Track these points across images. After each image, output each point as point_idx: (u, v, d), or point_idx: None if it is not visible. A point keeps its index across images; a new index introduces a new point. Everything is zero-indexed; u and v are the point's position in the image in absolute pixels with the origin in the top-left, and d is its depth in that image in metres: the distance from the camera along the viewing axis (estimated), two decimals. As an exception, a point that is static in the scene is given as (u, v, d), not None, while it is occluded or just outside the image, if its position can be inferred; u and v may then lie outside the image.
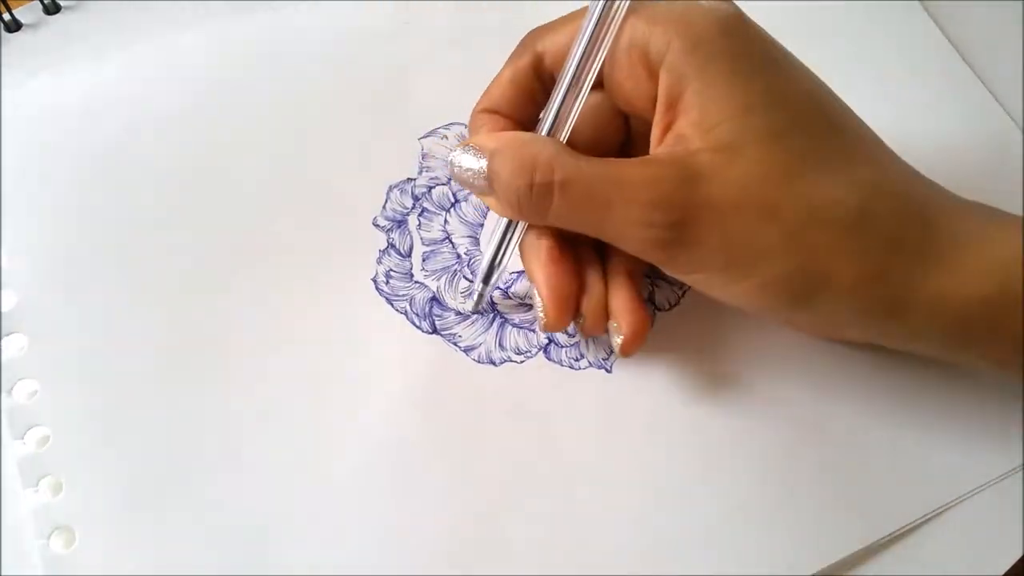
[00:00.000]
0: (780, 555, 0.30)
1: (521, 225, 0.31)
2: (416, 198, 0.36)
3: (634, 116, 0.32)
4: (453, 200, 0.36)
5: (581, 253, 0.32)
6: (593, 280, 0.32)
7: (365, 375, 0.33)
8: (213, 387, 0.32)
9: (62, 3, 0.42)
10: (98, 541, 0.30)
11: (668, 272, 0.30)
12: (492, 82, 0.33)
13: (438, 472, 0.31)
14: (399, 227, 0.36)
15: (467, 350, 0.34)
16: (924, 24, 0.41)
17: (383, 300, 0.34)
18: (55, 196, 0.36)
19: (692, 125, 0.28)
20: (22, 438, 0.31)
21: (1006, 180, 0.37)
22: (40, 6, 0.41)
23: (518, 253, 0.32)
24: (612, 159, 0.28)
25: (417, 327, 0.34)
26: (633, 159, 0.28)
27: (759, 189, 0.27)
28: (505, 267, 0.32)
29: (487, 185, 0.30)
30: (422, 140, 0.37)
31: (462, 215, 0.36)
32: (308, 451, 0.31)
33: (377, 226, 0.36)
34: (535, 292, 0.31)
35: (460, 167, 0.30)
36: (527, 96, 0.32)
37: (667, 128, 0.29)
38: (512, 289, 0.35)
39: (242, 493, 0.31)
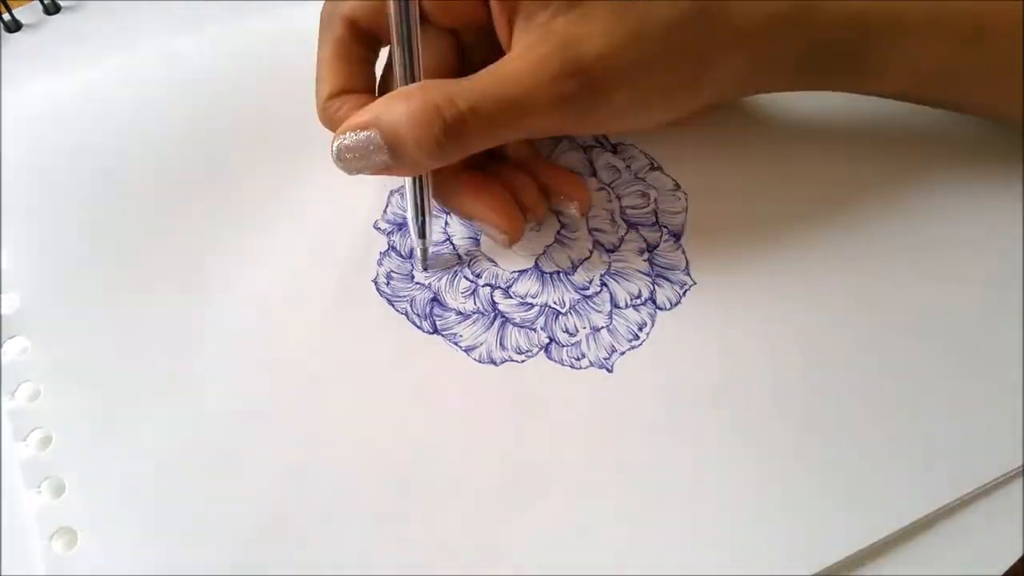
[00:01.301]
0: (780, 555, 0.30)
1: (424, 186, 0.33)
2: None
3: (465, 29, 0.33)
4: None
5: (494, 166, 0.34)
6: (518, 178, 0.34)
7: (366, 375, 0.33)
8: (214, 389, 0.32)
9: (62, 3, 0.42)
10: (100, 543, 0.30)
11: (592, 132, 0.33)
12: (319, 67, 0.33)
13: (439, 472, 0.31)
14: (400, 230, 0.36)
15: (468, 350, 0.34)
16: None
17: (384, 301, 0.34)
18: (55, 197, 0.36)
19: (532, 5, 0.30)
20: (24, 440, 0.32)
21: (1005, 181, 0.36)
22: (40, 6, 0.41)
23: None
24: (487, 69, 0.30)
25: (418, 327, 0.34)
26: (504, 58, 0.30)
27: (618, 27, 0.29)
28: (431, 214, 0.34)
29: (388, 158, 0.30)
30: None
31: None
32: (308, 451, 0.31)
33: (378, 229, 0.36)
34: (481, 224, 0.33)
35: (353, 154, 0.30)
36: (358, 63, 0.33)
37: (510, 20, 0.30)
38: (513, 289, 0.35)
39: (242, 494, 0.31)
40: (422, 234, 0.34)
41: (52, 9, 0.41)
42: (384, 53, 0.34)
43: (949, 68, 0.33)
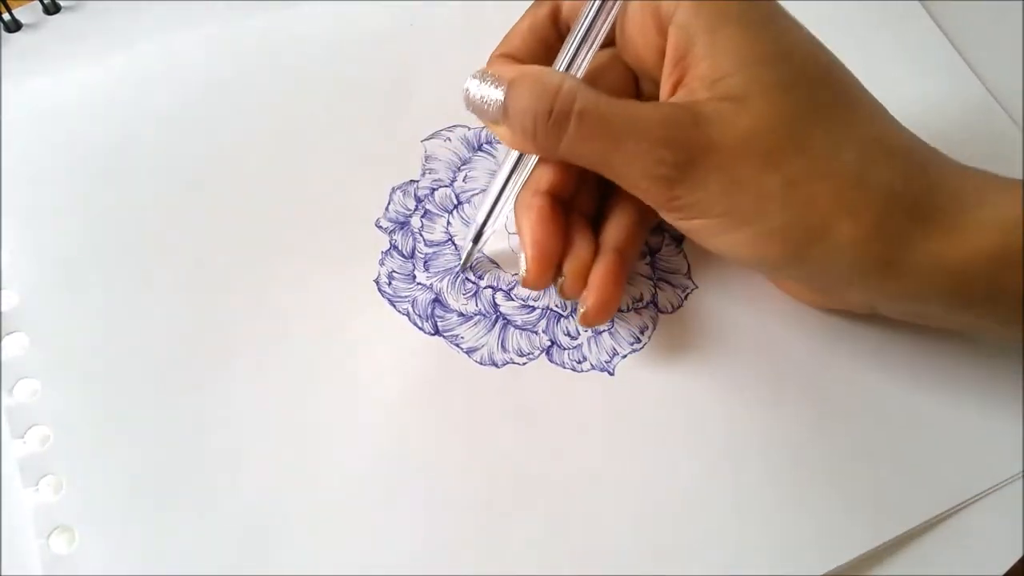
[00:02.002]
0: (785, 558, 0.30)
1: (518, 182, 0.32)
2: (419, 200, 0.36)
3: (643, 75, 0.33)
4: (456, 202, 0.36)
5: (575, 221, 0.33)
6: (581, 245, 0.32)
7: (367, 376, 0.33)
8: (214, 387, 0.32)
9: (62, 3, 0.42)
10: (98, 541, 0.30)
11: (668, 218, 0.30)
12: (512, 28, 0.34)
13: (439, 473, 0.31)
14: (402, 228, 0.36)
15: (469, 352, 0.34)
16: (924, 24, 0.42)
17: (385, 301, 0.34)
18: (55, 196, 0.36)
19: (700, 78, 0.29)
20: (23, 437, 0.31)
21: (1007, 164, 0.36)
22: (40, 6, 0.41)
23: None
24: (627, 100, 0.29)
25: (419, 328, 0.34)
26: (647, 102, 0.29)
27: (764, 137, 0.28)
28: (495, 229, 0.33)
29: (500, 113, 0.30)
30: (425, 142, 0.37)
31: (465, 217, 0.36)
32: (308, 452, 0.31)
33: (380, 228, 0.36)
34: (520, 249, 0.32)
35: (476, 93, 0.31)
36: (543, 44, 0.33)
37: (676, 84, 0.29)
38: (515, 291, 0.35)
39: (242, 493, 0.31)
40: (477, 239, 0.34)
41: (52, 9, 0.41)
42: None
43: None
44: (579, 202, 0.33)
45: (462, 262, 0.35)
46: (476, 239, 0.34)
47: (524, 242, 0.32)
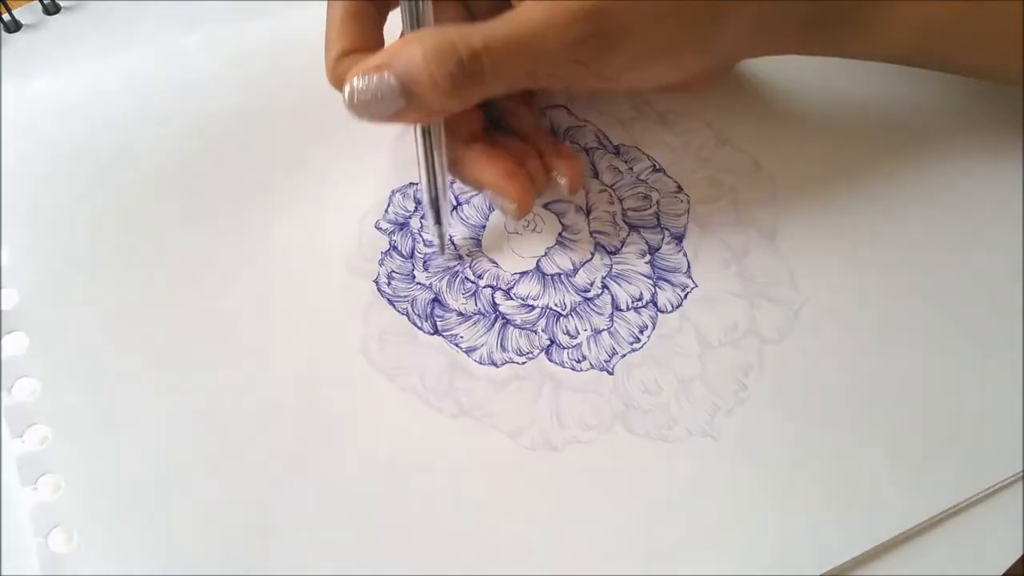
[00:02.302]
0: (784, 557, 0.30)
1: (437, 155, 0.32)
2: (418, 201, 0.36)
3: None
4: (455, 203, 0.36)
5: (490, 137, 0.35)
6: (521, 148, 0.34)
7: (366, 376, 0.33)
8: (213, 387, 0.32)
9: (62, 3, 0.42)
10: (97, 540, 0.30)
11: (603, 85, 0.32)
12: (328, 27, 0.33)
13: (438, 473, 0.31)
14: (401, 230, 0.36)
15: (468, 351, 0.33)
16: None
17: (385, 301, 0.34)
18: (55, 195, 0.36)
19: None
20: (22, 436, 0.31)
21: (1006, 178, 0.37)
22: (40, 6, 0.41)
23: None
24: (501, 16, 0.29)
25: (419, 328, 0.34)
26: (519, 6, 0.30)
27: None
28: (447, 199, 0.34)
29: (402, 100, 0.29)
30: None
31: (463, 217, 0.36)
32: (308, 451, 0.31)
33: (379, 229, 0.36)
34: (493, 194, 0.34)
35: (367, 97, 0.29)
36: (368, 22, 0.33)
37: None
38: (514, 290, 0.35)
39: (242, 492, 0.31)
40: (438, 220, 0.34)
41: (52, 9, 0.41)
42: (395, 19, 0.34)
43: (952, 24, 0.32)
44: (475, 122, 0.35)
45: (438, 247, 0.35)
46: (437, 220, 0.34)
47: (495, 185, 0.33)
